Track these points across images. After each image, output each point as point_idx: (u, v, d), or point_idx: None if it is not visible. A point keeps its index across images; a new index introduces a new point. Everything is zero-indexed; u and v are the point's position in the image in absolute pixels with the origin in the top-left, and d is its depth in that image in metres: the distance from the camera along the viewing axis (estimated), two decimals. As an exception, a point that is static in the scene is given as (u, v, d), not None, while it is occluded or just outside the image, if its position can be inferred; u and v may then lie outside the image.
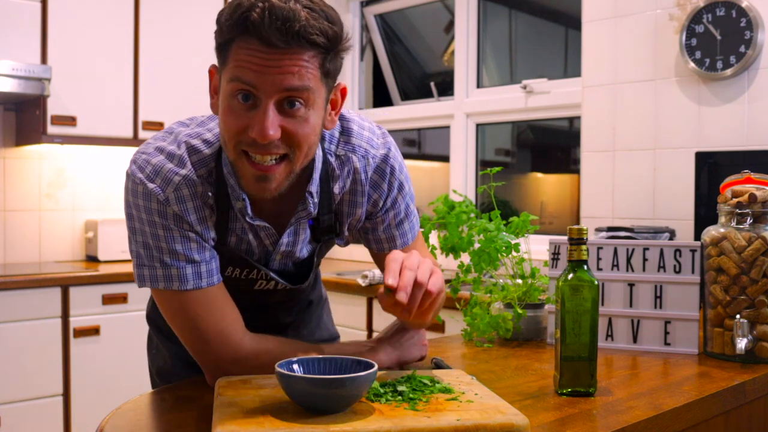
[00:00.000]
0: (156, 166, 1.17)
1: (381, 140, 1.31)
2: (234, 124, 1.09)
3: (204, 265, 1.19)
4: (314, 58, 1.07)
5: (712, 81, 2.66)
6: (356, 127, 1.29)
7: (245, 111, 1.08)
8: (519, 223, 1.74)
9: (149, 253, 1.18)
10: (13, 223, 3.57)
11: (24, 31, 3.25)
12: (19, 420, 2.98)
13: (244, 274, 1.29)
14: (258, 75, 1.05)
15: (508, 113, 3.57)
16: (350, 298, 3.17)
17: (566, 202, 3.60)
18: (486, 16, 3.78)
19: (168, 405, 1.19)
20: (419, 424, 0.93)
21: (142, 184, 1.16)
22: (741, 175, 1.53)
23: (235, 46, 1.07)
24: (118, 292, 3.25)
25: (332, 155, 1.26)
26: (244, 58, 1.06)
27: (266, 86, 1.06)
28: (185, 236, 1.18)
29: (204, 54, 3.80)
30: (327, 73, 1.11)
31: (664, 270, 1.56)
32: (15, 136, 3.56)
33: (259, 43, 1.05)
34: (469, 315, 1.67)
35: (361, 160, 1.27)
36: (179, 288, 1.17)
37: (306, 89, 1.08)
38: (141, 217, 1.18)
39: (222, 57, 1.11)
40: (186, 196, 1.17)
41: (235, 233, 1.24)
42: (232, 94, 1.09)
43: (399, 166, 1.32)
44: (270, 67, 1.05)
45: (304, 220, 1.26)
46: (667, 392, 1.24)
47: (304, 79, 1.07)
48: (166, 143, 1.20)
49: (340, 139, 1.27)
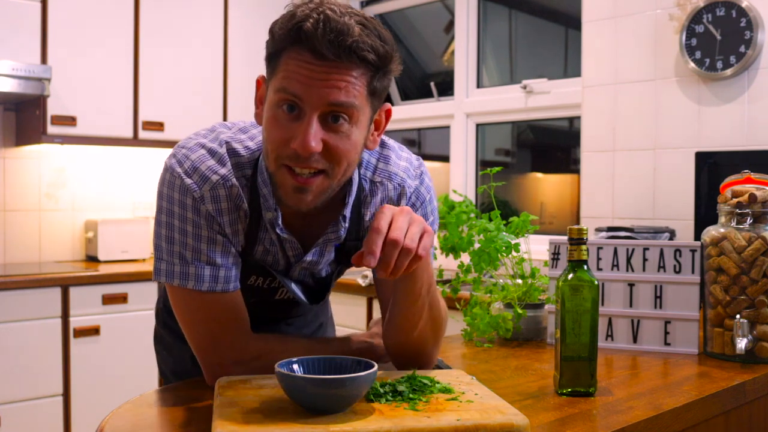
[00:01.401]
0: (195, 162, 1.17)
1: (417, 171, 1.31)
2: (277, 134, 1.09)
3: (223, 270, 1.19)
4: (363, 76, 1.07)
5: (712, 81, 2.66)
6: (394, 155, 1.29)
7: (289, 122, 1.08)
8: (519, 223, 1.74)
9: (171, 247, 1.18)
10: (13, 223, 3.57)
11: (24, 31, 3.25)
12: (19, 420, 2.98)
13: (266, 283, 1.30)
14: (305, 87, 1.05)
15: (508, 113, 3.57)
16: (350, 298, 3.17)
17: (566, 202, 3.60)
18: (486, 16, 3.78)
19: (168, 405, 1.19)
20: (419, 424, 0.93)
21: (179, 178, 1.16)
22: (741, 175, 1.53)
23: (286, 57, 1.07)
24: (118, 292, 3.25)
25: (367, 181, 1.26)
26: (293, 69, 1.06)
27: (312, 98, 1.06)
28: (212, 237, 1.17)
29: (204, 54, 3.81)
30: (374, 92, 1.11)
31: (664, 270, 1.56)
32: (15, 136, 3.56)
33: (309, 55, 1.04)
34: (469, 315, 1.67)
35: (396, 188, 1.27)
36: (193, 287, 1.17)
37: (351, 105, 1.07)
38: (172, 210, 1.17)
39: (271, 67, 1.11)
40: (221, 196, 1.17)
41: (263, 244, 1.24)
42: (278, 104, 1.08)
43: (430, 198, 1.32)
44: (317, 80, 1.05)
45: (332, 242, 1.26)
46: (667, 392, 1.24)
47: (351, 95, 1.06)
48: (207, 140, 1.20)
49: (378, 165, 1.27)
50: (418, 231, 1.03)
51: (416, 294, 1.16)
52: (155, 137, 3.64)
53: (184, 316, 1.22)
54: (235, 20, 3.91)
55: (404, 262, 1.02)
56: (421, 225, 1.04)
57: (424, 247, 1.04)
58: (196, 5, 3.78)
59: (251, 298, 1.32)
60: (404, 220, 1.03)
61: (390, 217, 1.03)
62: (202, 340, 1.20)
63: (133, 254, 3.68)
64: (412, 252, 1.02)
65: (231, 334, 1.19)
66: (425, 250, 1.04)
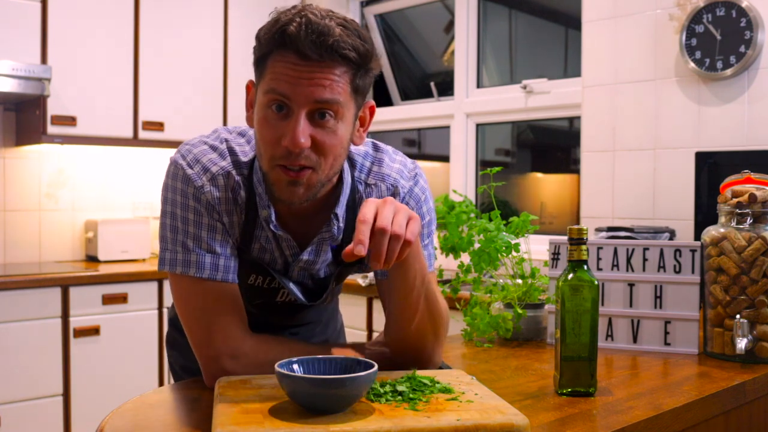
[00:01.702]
0: (197, 154, 1.24)
1: (411, 173, 1.35)
2: (268, 134, 1.15)
3: (223, 259, 1.23)
4: (345, 74, 1.13)
5: (712, 81, 2.66)
6: (387, 158, 1.34)
7: (279, 121, 1.14)
8: (519, 223, 1.74)
9: (174, 236, 1.23)
10: (13, 223, 3.57)
11: (24, 31, 3.25)
12: (19, 420, 2.98)
13: (266, 282, 1.33)
14: (292, 86, 1.11)
15: (508, 113, 3.57)
16: (350, 298, 3.18)
17: (566, 202, 3.60)
18: (486, 16, 3.78)
19: (168, 405, 1.19)
20: (419, 424, 0.93)
21: (182, 169, 1.23)
22: (741, 175, 1.53)
23: (272, 60, 1.14)
24: (118, 292, 3.25)
25: (361, 183, 1.31)
26: (280, 70, 1.12)
27: (299, 97, 1.12)
28: (212, 226, 1.23)
29: (204, 54, 3.82)
30: (357, 89, 1.17)
31: (664, 270, 1.56)
32: (15, 136, 3.56)
33: (294, 56, 1.11)
34: (469, 315, 1.67)
35: (389, 188, 1.32)
36: (195, 274, 1.22)
37: (336, 102, 1.13)
38: (175, 200, 1.23)
39: (259, 71, 1.17)
40: (221, 186, 1.23)
41: (259, 242, 1.28)
42: (268, 105, 1.15)
43: (425, 199, 1.35)
44: (303, 79, 1.11)
45: (327, 242, 1.30)
46: (667, 392, 1.24)
47: (335, 92, 1.12)
48: (210, 139, 1.28)
49: (371, 168, 1.32)
50: (404, 217, 1.06)
51: (410, 285, 1.18)
52: (155, 137, 3.64)
53: (185, 307, 1.24)
54: (235, 20, 3.91)
55: (395, 249, 1.04)
56: (406, 212, 1.07)
57: (412, 232, 1.06)
58: (196, 5, 3.78)
59: (254, 300, 1.35)
60: (389, 209, 1.05)
61: (375, 208, 1.05)
62: (200, 330, 1.22)
63: (133, 254, 3.68)
64: (401, 238, 1.04)
65: (227, 326, 1.21)
66: (413, 234, 1.06)
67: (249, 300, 1.33)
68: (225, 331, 1.21)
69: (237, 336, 1.21)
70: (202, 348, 1.22)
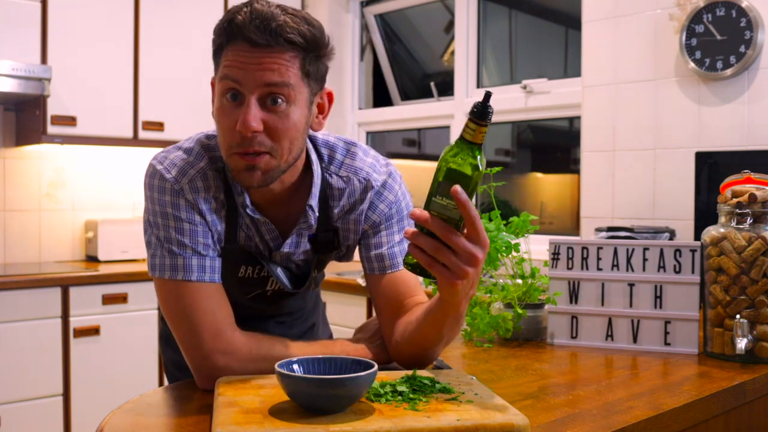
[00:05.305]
0: (173, 159, 1.27)
1: (384, 168, 1.38)
2: (224, 121, 1.19)
3: (208, 260, 1.25)
4: (294, 59, 1.17)
5: (712, 81, 2.66)
6: (361, 152, 1.38)
7: (233, 109, 1.18)
8: (519, 223, 1.74)
9: (160, 243, 1.25)
10: (13, 223, 3.57)
11: (24, 31, 3.25)
12: (19, 420, 2.98)
13: (255, 272, 1.35)
14: (242, 72, 1.16)
15: (508, 113, 3.57)
16: (350, 298, 3.18)
17: (566, 202, 3.60)
18: (486, 16, 3.78)
19: (168, 405, 1.19)
20: (419, 424, 0.93)
21: (159, 175, 1.26)
22: (741, 175, 1.53)
23: (225, 51, 1.19)
24: (118, 292, 3.25)
25: (333, 176, 1.34)
26: (231, 58, 1.17)
27: (249, 82, 1.16)
28: (194, 229, 1.25)
29: (203, 54, 3.81)
30: (308, 74, 1.20)
31: (664, 270, 1.56)
32: (15, 136, 3.56)
33: (244, 44, 1.16)
34: (469, 315, 1.67)
35: (362, 182, 1.35)
36: (183, 278, 1.23)
37: (285, 85, 1.16)
38: (155, 209, 1.26)
39: (216, 63, 1.22)
40: (200, 187, 1.26)
41: (242, 230, 1.31)
42: (223, 93, 1.19)
43: (401, 192, 1.38)
44: (252, 65, 1.15)
45: (305, 232, 1.34)
46: (667, 392, 1.24)
47: (284, 76, 1.16)
48: (184, 143, 1.31)
49: (344, 161, 1.36)
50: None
51: (457, 310, 1.17)
52: (155, 137, 3.64)
53: (174, 310, 1.24)
54: (235, 20, 3.90)
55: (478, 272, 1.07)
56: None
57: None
58: (196, 5, 3.78)
59: (247, 291, 1.37)
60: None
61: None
62: (188, 331, 1.22)
63: (133, 254, 3.68)
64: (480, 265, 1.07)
65: (216, 324, 1.22)
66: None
67: (242, 293, 1.36)
68: (214, 328, 1.22)
69: (227, 332, 1.22)
70: (193, 348, 1.22)
